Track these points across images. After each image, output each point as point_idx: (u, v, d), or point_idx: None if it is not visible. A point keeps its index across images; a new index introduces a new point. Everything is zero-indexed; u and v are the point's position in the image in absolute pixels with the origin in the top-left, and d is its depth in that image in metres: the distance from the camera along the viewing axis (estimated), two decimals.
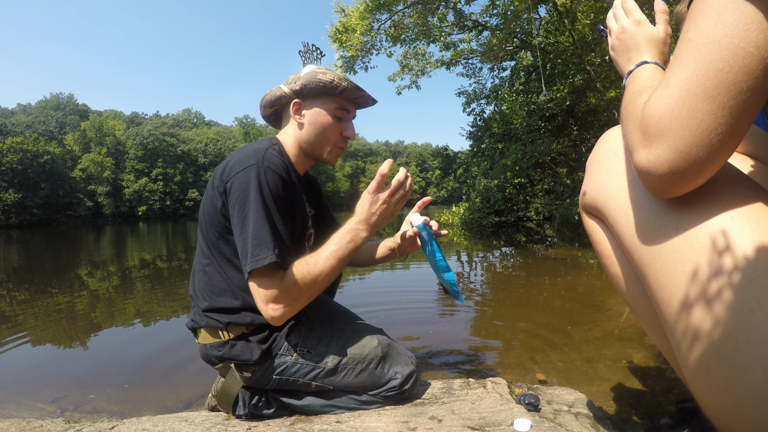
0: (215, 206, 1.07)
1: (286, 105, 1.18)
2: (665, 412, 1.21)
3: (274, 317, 1.00)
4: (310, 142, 1.16)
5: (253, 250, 0.97)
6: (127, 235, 15.00)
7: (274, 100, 1.17)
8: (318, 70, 1.13)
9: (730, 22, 0.46)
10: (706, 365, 0.52)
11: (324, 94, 1.14)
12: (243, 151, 1.07)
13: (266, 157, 1.04)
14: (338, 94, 1.14)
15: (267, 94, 1.19)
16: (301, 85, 1.12)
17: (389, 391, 1.14)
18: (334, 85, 1.11)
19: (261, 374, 1.10)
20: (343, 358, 1.11)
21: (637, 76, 0.66)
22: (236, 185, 1.01)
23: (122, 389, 1.66)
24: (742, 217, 0.53)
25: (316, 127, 1.15)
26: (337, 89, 1.12)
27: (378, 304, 2.86)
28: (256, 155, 1.04)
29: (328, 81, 1.11)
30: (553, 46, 8.24)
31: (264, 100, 1.20)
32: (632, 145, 0.55)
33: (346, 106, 1.17)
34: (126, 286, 4.25)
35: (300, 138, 1.16)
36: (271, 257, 0.96)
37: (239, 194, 1.00)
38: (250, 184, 1.00)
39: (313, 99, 1.15)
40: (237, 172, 1.02)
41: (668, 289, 0.56)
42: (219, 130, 72.12)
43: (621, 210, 0.65)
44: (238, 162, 1.03)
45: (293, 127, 1.17)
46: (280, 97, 1.16)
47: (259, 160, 1.02)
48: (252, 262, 0.96)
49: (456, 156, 11.14)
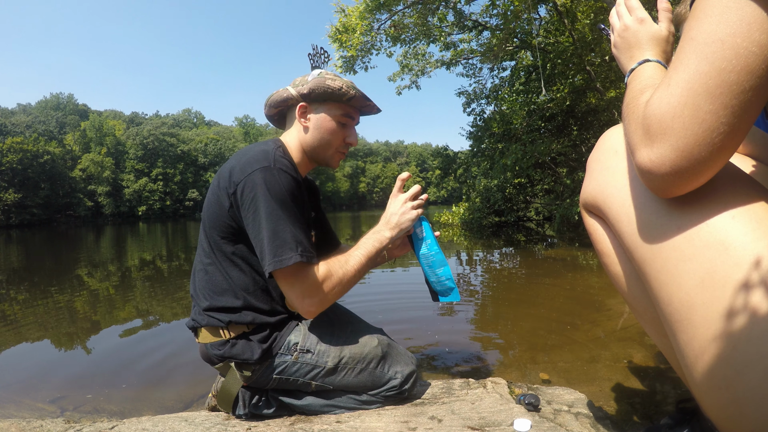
0: (222, 207, 1.06)
1: (292, 107, 1.19)
2: (665, 412, 1.21)
3: (310, 311, 1.04)
4: (313, 146, 1.17)
5: (276, 251, 0.97)
6: (127, 235, 15.01)
7: (280, 101, 1.18)
8: (327, 76, 1.14)
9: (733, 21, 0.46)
10: (706, 364, 0.52)
11: (331, 100, 1.15)
12: (249, 152, 1.07)
13: (276, 158, 1.04)
14: (345, 102, 1.15)
15: (273, 95, 1.19)
16: (309, 89, 1.12)
17: (389, 390, 1.14)
18: (342, 93, 1.12)
19: (261, 373, 1.11)
20: (343, 358, 1.12)
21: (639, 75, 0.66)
22: (249, 187, 1.00)
23: (122, 389, 1.66)
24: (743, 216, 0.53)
25: (320, 131, 1.15)
26: (345, 97, 1.13)
27: (378, 304, 2.86)
28: (267, 157, 1.04)
29: (336, 88, 1.12)
30: (553, 46, 8.24)
31: (270, 99, 1.20)
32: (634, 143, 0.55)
33: (351, 113, 1.18)
34: (126, 286, 4.25)
35: (304, 141, 1.17)
36: (295, 257, 0.97)
37: (253, 196, 1.00)
38: (264, 185, 1.00)
39: (320, 104, 1.15)
40: (248, 174, 1.01)
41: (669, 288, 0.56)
42: (219, 130, 72.13)
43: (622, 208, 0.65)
44: (248, 163, 1.03)
45: (298, 130, 1.17)
46: (287, 99, 1.16)
47: (270, 161, 1.03)
48: (275, 263, 0.97)
49: (456, 156, 11.14)
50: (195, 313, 1.14)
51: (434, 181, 13.52)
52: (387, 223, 1.15)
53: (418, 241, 1.21)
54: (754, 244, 0.50)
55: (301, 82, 1.15)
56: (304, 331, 1.13)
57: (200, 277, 1.14)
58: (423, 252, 1.20)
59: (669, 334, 0.59)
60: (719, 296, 0.51)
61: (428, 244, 1.20)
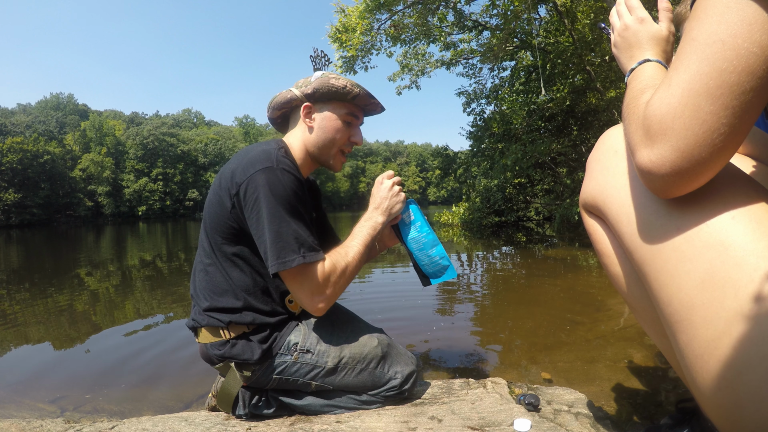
0: (224, 207, 1.06)
1: (296, 108, 1.19)
2: (665, 412, 1.21)
3: (319, 308, 1.04)
4: (318, 145, 1.17)
5: (279, 253, 0.98)
6: (127, 235, 15.00)
7: (284, 102, 1.18)
8: (331, 76, 1.14)
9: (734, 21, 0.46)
10: (707, 365, 0.52)
11: (335, 99, 1.15)
12: (251, 152, 1.06)
13: (278, 158, 1.04)
14: (350, 100, 1.16)
15: (277, 96, 1.19)
16: (313, 89, 1.13)
17: (389, 390, 1.14)
18: (347, 91, 1.13)
19: (261, 374, 1.11)
20: (343, 358, 1.12)
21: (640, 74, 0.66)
22: (252, 188, 1.00)
23: (122, 389, 1.66)
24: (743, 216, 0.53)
25: (325, 131, 1.15)
26: (349, 95, 1.14)
27: (378, 304, 2.86)
28: (269, 157, 1.03)
29: (341, 86, 1.12)
30: (553, 46, 8.23)
31: (273, 102, 1.20)
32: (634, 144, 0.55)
33: (355, 112, 1.19)
34: (126, 286, 4.25)
35: (308, 141, 1.17)
36: (298, 260, 0.98)
37: (256, 197, 1.00)
38: (267, 186, 0.99)
39: (324, 103, 1.16)
40: (251, 174, 1.01)
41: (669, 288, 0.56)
42: (219, 130, 72.14)
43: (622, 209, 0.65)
44: (250, 164, 1.02)
45: (302, 130, 1.17)
46: (291, 100, 1.16)
47: (273, 162, 1.02)
48: (278, 264, 0.98)
49: (456, 156, 11.14)
50: (195, 313, 1.14)
51: (434, 181, 13.56)
52: (377, 208, 1.17)
53: (406, 227, 1.22)
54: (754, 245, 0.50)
55: (305, 83, 1.15)
56: (305, 332, 1.13)
57: (200, 277, 1.14)
58: (413, 236, 1.20)
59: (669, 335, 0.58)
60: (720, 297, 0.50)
61: (418, 227, 1.20)
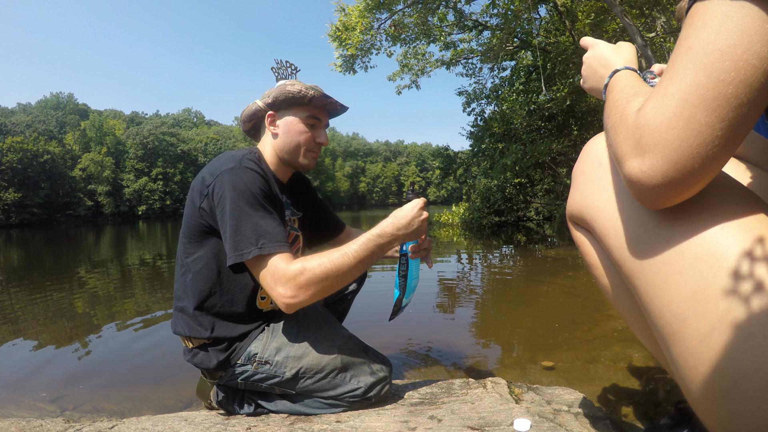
0: (194, 209, 1.12)
1: (263, 118, 1.24)
2: (665, 413, 1.21)
3: (286, 304, 0.99)
4: (285, 149, 1.21)
5: (236, 245, 1.01)
6: (127, 235, 15.00)
7: (251, 114, 1.24)
8: (287, 83, 1.20)
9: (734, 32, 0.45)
10: (702, 376, 0.51)
11: (295, 105, 1.20)
12: (221, 158, 1.14)
13: (242, 159, 1.11)
14: (307, 103, 1.20)
15: (245, 110, 1.25)
16: (273, 97, 1.19)
17: (353, 397, 1.14)
18: (302, 95, 1.17)
19: (228, 379, 1.15)
20: (301, 368, 1.12)
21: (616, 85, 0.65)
22: (218, 187, 1.06)
23: (122, 389, 1.66)
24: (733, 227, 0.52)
25: (289, 135, 1.20)
26: (306, 98, 1.18)
27: (378, 303, 2.86)
28: (234, 159, 1.10)
29: (296, 91, 1.17)
30: (553, 46, 8.24)
31: (243, 115, 1.26)
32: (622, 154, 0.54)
33: (316, 114, 1.23)
34: (126, 285, 4.25)
35: (276, 146, 1.22)
36: (254, 251, 1.00)
37: (221, 194, 1.05)
38: (231, 183, 1.05)
39: (285, 110, 1.21)
40: (217, 175, 1.07)
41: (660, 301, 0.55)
42: (219, 129, 72.17)
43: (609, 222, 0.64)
44: (218, 166, 1.10)
45: (269, 137, 1.23)
46: (256, 111, 1.22)
47: (237, 162, 1.09)
48: (234, 257, 1.01)
49: (456, 156, 11.14)
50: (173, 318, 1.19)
51: (434, 181, 13.60)
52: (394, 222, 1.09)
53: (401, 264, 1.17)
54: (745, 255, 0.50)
55: (268, 93, 1.21)
56: (265, 341, 1.14)
57: (177, 284, 1.19)
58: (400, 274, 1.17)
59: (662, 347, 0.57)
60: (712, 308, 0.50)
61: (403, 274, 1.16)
